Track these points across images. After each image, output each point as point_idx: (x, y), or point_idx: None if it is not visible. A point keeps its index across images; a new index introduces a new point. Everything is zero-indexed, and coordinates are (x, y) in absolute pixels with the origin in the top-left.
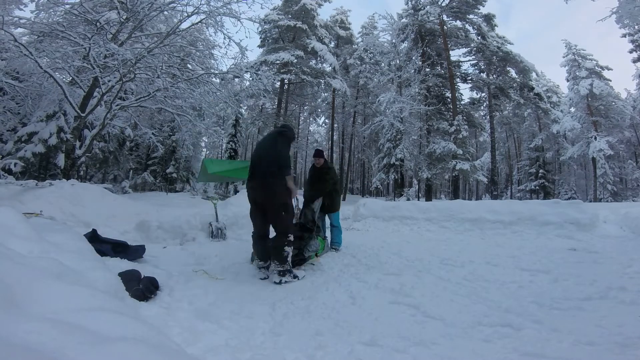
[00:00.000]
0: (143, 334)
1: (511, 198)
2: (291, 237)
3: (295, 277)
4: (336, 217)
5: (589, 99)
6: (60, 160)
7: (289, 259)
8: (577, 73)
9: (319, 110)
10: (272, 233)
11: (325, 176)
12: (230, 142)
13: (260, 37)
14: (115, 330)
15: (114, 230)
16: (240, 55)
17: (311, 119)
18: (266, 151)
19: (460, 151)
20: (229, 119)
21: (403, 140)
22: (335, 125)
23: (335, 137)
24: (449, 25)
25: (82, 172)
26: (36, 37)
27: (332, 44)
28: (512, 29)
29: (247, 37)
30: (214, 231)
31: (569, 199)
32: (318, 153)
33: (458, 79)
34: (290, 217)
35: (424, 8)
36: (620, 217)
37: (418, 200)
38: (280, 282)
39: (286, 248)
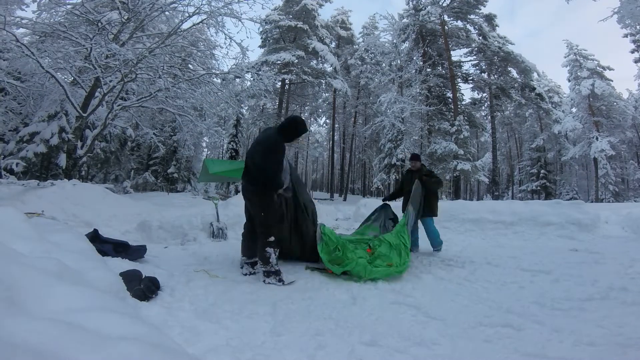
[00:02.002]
0: (144, 333)
1: (512, 198)
2: (272, 239)
3: (280, 280)
4: (432, 222)
5: (591, 99)
6: (62, 160)
7: (272, 260)
8: (579, 73)
9: (320, 110)
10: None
11: (431, 176)
12: (232, 143)
13: (261, 38)
14: (117, 330)
15: (115, 230)
16: (241, 56)
17: (312, 119)
18: (253, 158)
19: (461, 151)
20: (230, 119)
21: (404, 140)
22: (336, 125)
23: (336, 138)
24: (450, 26)
25: (83, 172)
26: (38, 37)
27: (333, 44)
28: (518, 26)
29: (248, 37)
30: (215, 231)
31: (570, 199)
32: (414, 156)
33: (459, 79)
34: (271, 218)
35: (425, 8)
36: (622, 217)
37: None
38: (264, 282)
39: (268, 249)
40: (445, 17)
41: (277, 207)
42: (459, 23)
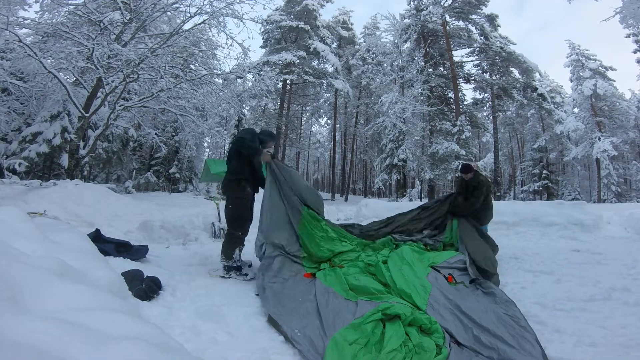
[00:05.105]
0: (145, 333)
1: (514, 199)
2: (240, 234)
3: (242, 274)
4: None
5: (593, 100)
6: (64, 160)
7: (235, 255)
8: (581, 73)
9: (321, 110)
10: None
11: (474, 192)
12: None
13: (263, 38)
14: (118, 330)
15: (117, 230)
16: (243, 56)
17: (313, 119)
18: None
19: (463, 152)
20: (232, 119)
21: (405, 140)
22: (338, 125)
23: (337, 138)
24: (451, 26)
25: (85, 172)
26: (40, 37)
27: (335, 45)
28: (526, 20)
29: (249, 37)
30: (216, 231)
31: (572, 200)
32: (465, 168)
33: (461, 79)
34: (236, 213)
35: (427, 8)
36: (625, 218)
37: (420, 200)
38: (224, 277)
39: (232, 244)
40: (447, 17)
41: (247, 202)
42: (461, 23)
